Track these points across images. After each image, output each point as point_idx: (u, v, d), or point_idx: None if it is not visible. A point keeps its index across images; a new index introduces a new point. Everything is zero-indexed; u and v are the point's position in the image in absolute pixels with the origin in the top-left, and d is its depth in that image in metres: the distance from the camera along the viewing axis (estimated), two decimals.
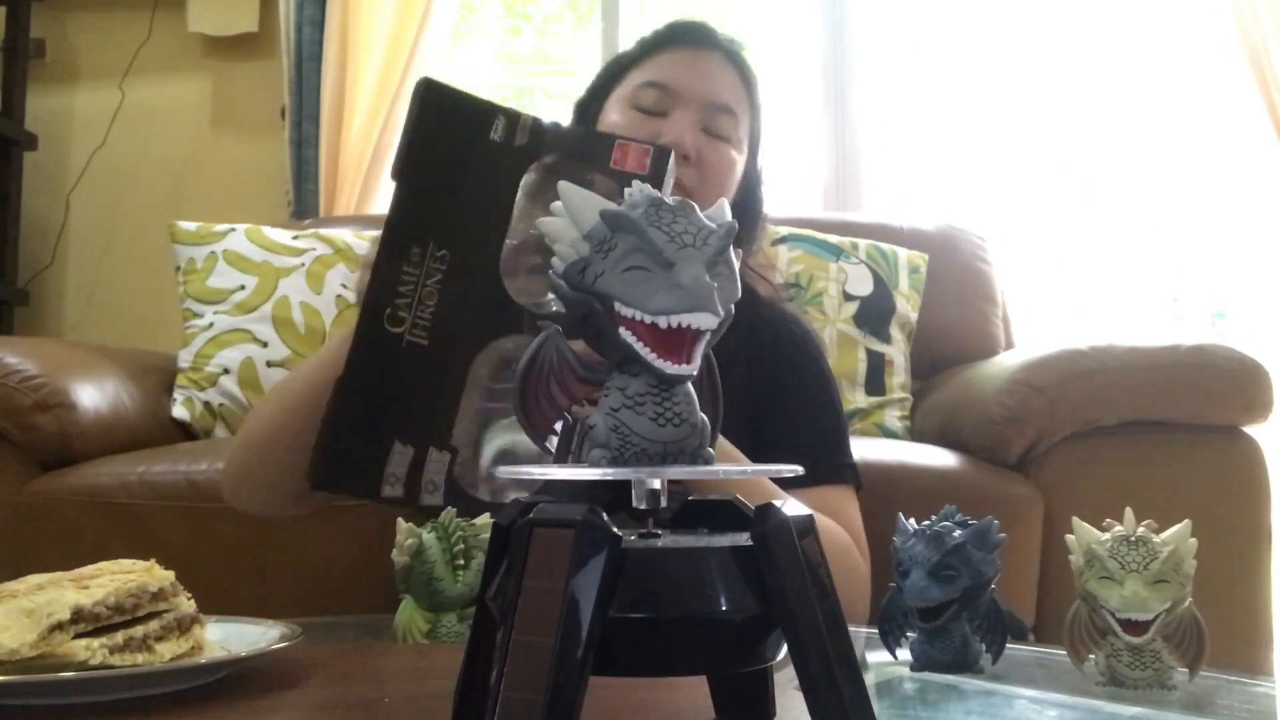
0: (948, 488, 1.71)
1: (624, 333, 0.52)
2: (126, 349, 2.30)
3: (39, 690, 0.60)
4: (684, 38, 1.46)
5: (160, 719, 0.60)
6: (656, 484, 0.57)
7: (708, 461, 0.54)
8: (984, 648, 0.70)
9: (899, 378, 2.17)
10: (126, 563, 0.66)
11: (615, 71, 1.48)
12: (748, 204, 1.46)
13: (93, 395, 1.90)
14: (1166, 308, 2.75)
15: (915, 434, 2.10)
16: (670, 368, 0.52)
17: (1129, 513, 0.70)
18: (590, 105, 1.48)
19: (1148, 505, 1.69)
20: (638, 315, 0.52)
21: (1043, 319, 2.75)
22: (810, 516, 0.56)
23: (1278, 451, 1.82)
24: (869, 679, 0.71)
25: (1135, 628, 0.66)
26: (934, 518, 0.68)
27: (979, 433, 1.80)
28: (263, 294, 2.22)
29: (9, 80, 3.10)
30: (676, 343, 0.52)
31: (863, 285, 2.22)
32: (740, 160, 1.43)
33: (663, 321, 0.51)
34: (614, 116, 1.42)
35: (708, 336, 0.53)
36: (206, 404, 2.14)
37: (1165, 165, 2.81)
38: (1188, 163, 2.77)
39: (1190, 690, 0.66)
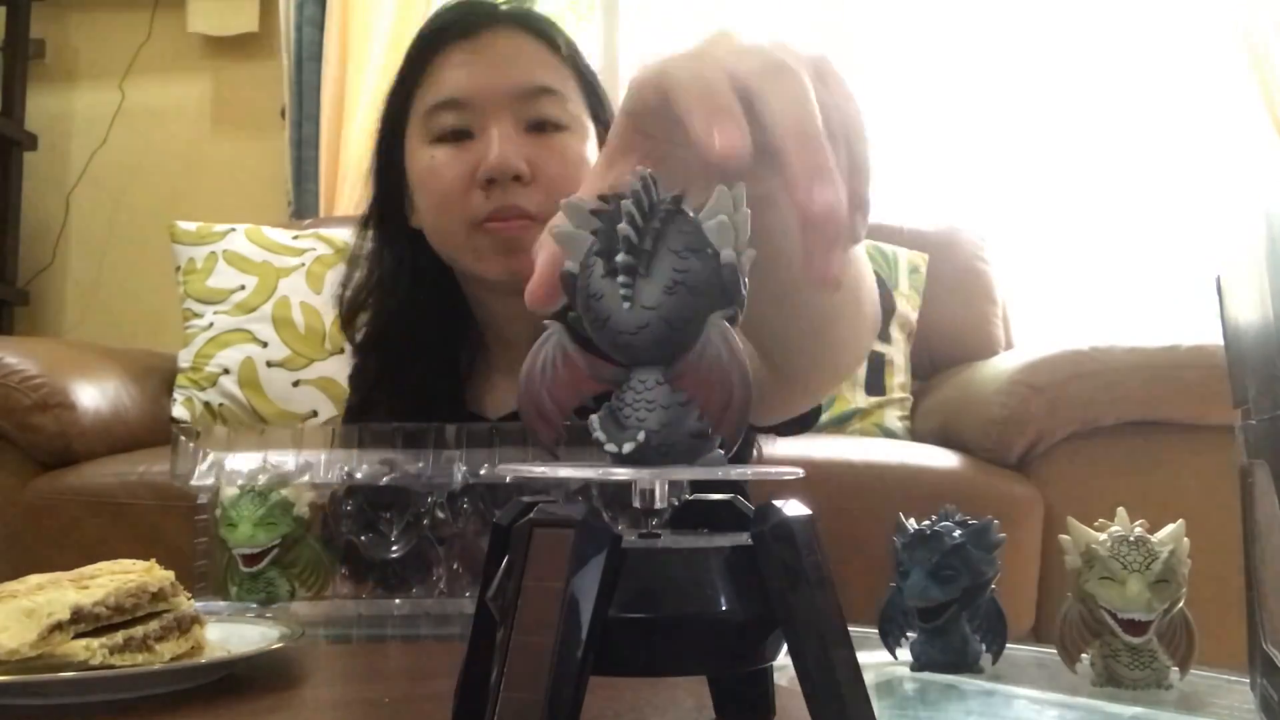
0: (948, 488, 1.71)
1: None
2: (126, 349, 2.30)
3: (39, 690, 0.60)
4: (458, 29, 1.18)
5: (160, 719, 0.60)
6: (657, 484, 0.57)
7: (710, 462, 0.54)
8: (984, 648, 0.70)
9: (899, 378, 2.18)
10: (126, 563, 0.66)
11: (401, 99, 1.22)
12: None
13: (93, 395, 1.90)
14: (1167, 308, 2.75)
15: (915, 434, 2.11)
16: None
17: (1122, 512, 0.70)
18: (390, 154, 1.24)
19: (1147, 505, 1.70)
20: None
21: (1043, 319, 2.75)
22: (811, 516, 0.55)
23: None
24: (869, 679, 0.71)
25: (1137, 628, 0.66)
26: (934, 518, 0.68)
27: (979, 433, 1.80)
28: (263, 294, 2.22)
29: (9, 80, 3.11)
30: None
31: None
32: (586, 143, 1.18)
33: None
34: (422, 159, 1.18)
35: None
36: (206, 404, 2.14)
37: (1165, 165, 2.81)
38: (1187, 162, 2.77)
39: (1187, 690, 0.66)
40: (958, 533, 0.67)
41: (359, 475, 0.97)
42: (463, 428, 0.98)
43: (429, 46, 1.19)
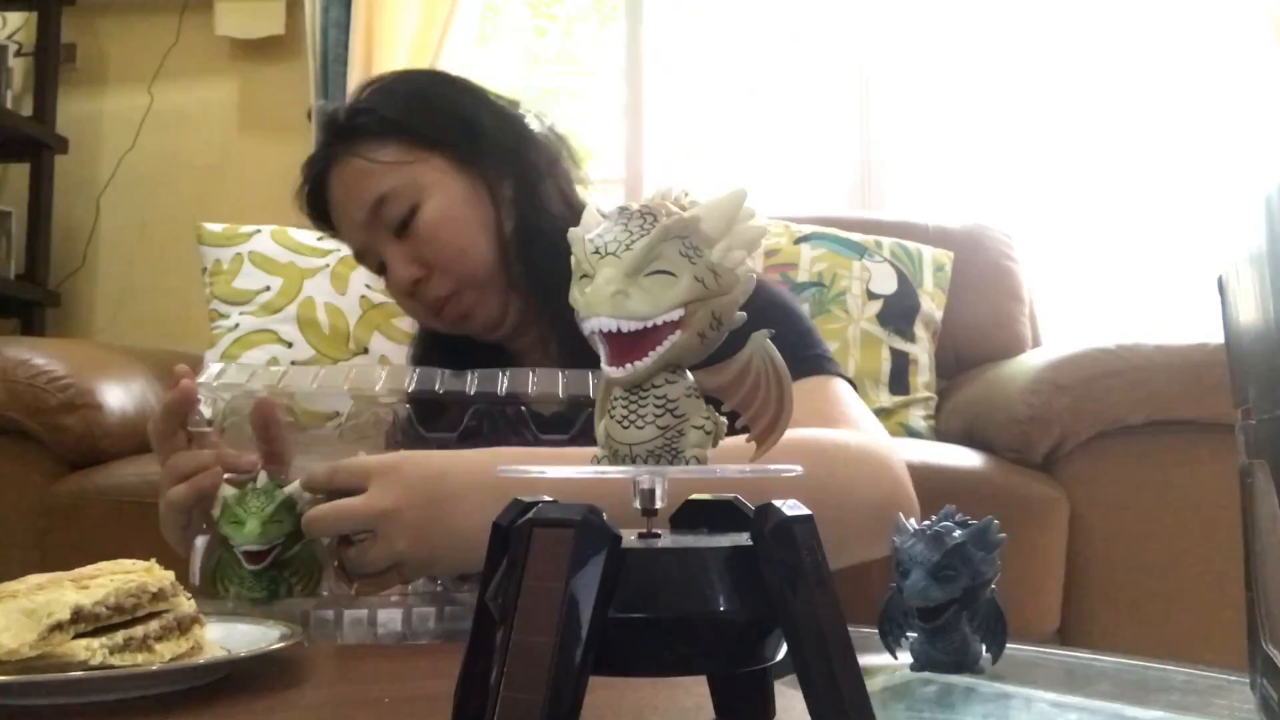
0: (972, 488, 1.70)
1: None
2: (153, 349, 2.31)
3: (39, 690, 0.61)
4: (316, 191, 1.36)
5: (160, 719, 0.60)
6: (656, 484, 0.57)
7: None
8: (984, 648, 0.69)
9: (923, 377, 2.16)
10: (126, 563, 0.67)
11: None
12: (521, 173, 1.32)
13: (119, 395, 1.92)
14: (1196, 305, 2.72)
15: (940, 434, 2.09)
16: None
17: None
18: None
19: (1173, 505, 1.69)
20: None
21: (1071, 317, 2.72)
22: (810, 516, 0.55)
23: None
24: (881, 682, 0.70)
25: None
26: (934, 518, 0.68)
27: (1004, 432, 1.78)
28: (288, 295, 2.23)
29: (41, 84, 3.14)
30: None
31: (887, 284, 2.21)
32: (444, 194, 1.29)
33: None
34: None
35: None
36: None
37: (1194, 161, 2.78)
38: (1216, 158, 2.74)
39: (1191, 690, 0.65)
40: (958, 533, 0.67)
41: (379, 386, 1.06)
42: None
43: (316, 198, 1.37)
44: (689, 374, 0.56)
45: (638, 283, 0.53)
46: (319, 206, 1.38)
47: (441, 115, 1.34)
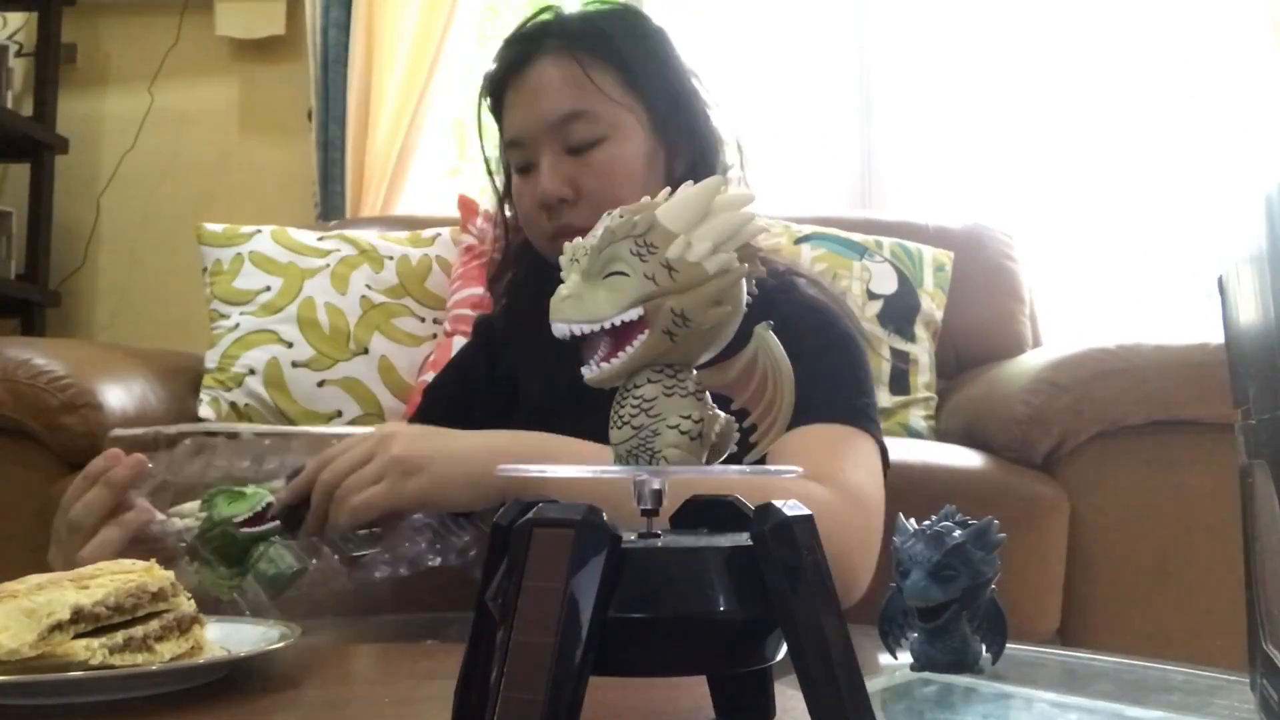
0: (972, 488, 1.70)
1: None
2: (153, 349, 2.32)
3: (39, 690, 0.61)
4: (508, 71, 1.33)
5: (160, 719, 0.60)
6: (657, 484, 0.57)
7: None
8: (984, 648, 0.69)
9: (924, 377, 2.16)
10: (126, 563, 0.67)
11: (499, 129, 1.38)
12: (699, 156, 1.33)
13: (119, 396, 1.92)
14: (1197, 305, 2.72)
15: (940, 434, 2.09)
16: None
17: None
18: (503, 169, 1.40)
19: (1174, 505, 1.69)
20: None
21: (1072, 317, 2.72)
22: (810, 516, 0.55)
23: None
24: (881, 682, 0.70)
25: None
26: (934, 518, 0.68)
27: (1004, 432, 1.78)
28: (288, 295, 2.23)
29: (41, 85, 3.14)
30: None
31: (887, 284, 2.21)
32: (626, 144, 1.29)
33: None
34: (514, 184, 1.35)
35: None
36: (232, 404, 2.15)
37: (1194, 161, 2.78)
38: (1216, 158, 2.74)
39: (1191, 690, 0.65)
40: (958, 533, 0.67)
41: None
42: None
43: (497, 82, 1.34)
44: (693, 373, 0.56)
45: (594, 285, 0.54)
46: (500, 79, 1.34)
47: (661, 73, 1.34)
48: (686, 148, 1.34)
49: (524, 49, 1.32)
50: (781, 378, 0.56)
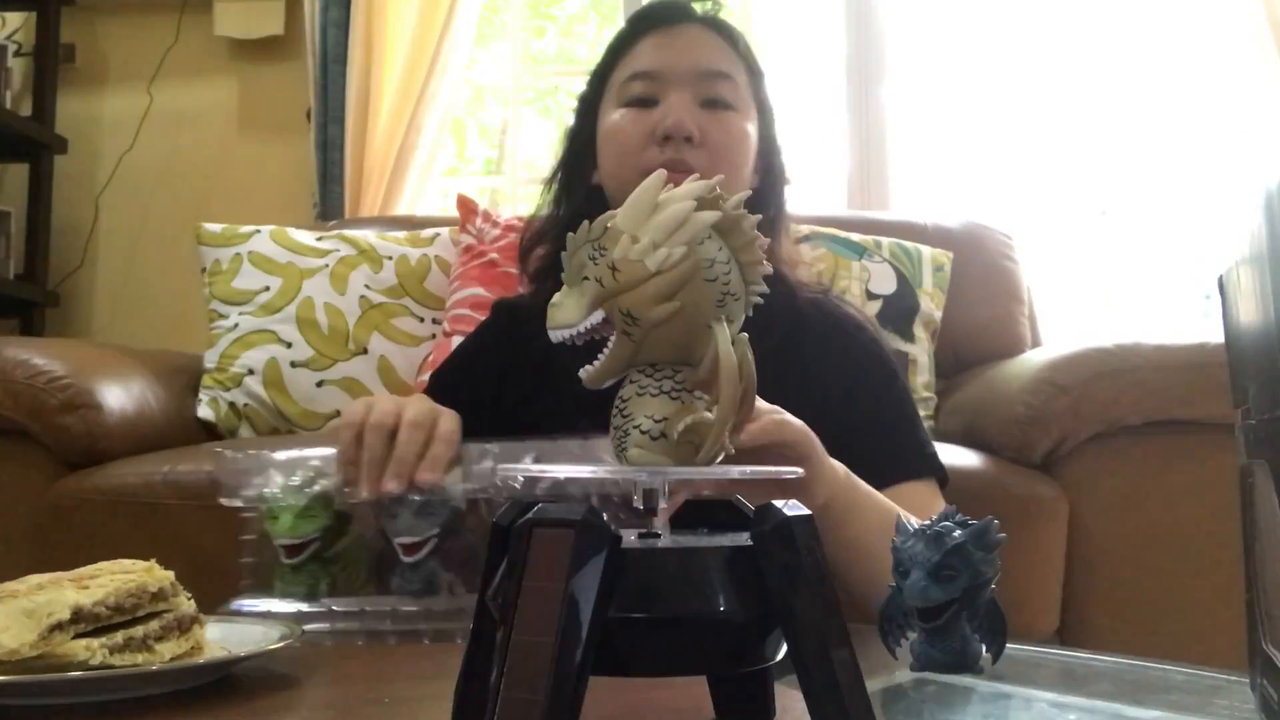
0: (972, 488, 1.70)
1: None
2: (152, 350, 2.31)
3: (39, 690, 0.61)
4: (658, 20, 1.41)
5: (160, 719, 0.60)
6: (652, 484, 0.57)
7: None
8: (984, 648, 0.69)
9: (923, 377, 2.16)
10: (126, 563, 0.67)
11: (598, 80, 1.45)
12: (767, 176, 1.42)
13: (119, 396, 1.91)
14: (1197, 305, 2.72)
15: (939, 434, 2.09)
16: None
17: None
18: (584, 122, 1.45)
19: (1173, 505, 1.69)
20: None
21: (1071, 317, 2.72)
22: (810, 517, 0.55)
23: None
24: (881, 682, 0.70)
25: None
26: (934, 518, 0.68)
27: (1003, 432, 1.78)
28: (287, 295, 2.23)
29: (40, 84, 3.14)
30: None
31: (886, 284, 2.21)
32: (751, 127, 1.38)
33: None
34: (613, 116, 1.38)
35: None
36: (231, 404, 2.15)
37: (1194, 161, 2.78)
38: (1216, 158, 2.74)
39: (1191, 690, 0.65)
40: (958, 533, 0.67)
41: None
42: None
43: (629, 33, 1.41)
44: (673, 372, 0.56)
45: (570, 293, 0.54)
46: (633, 28, 1.42)
47: (769, 100, 1.44)
48: (765, 169, 1.41)
49: (677, 13, 1.40)
50: (746, 378, 0.55)
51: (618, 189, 1.36)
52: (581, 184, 1.45)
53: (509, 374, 1.43)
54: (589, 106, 1.45)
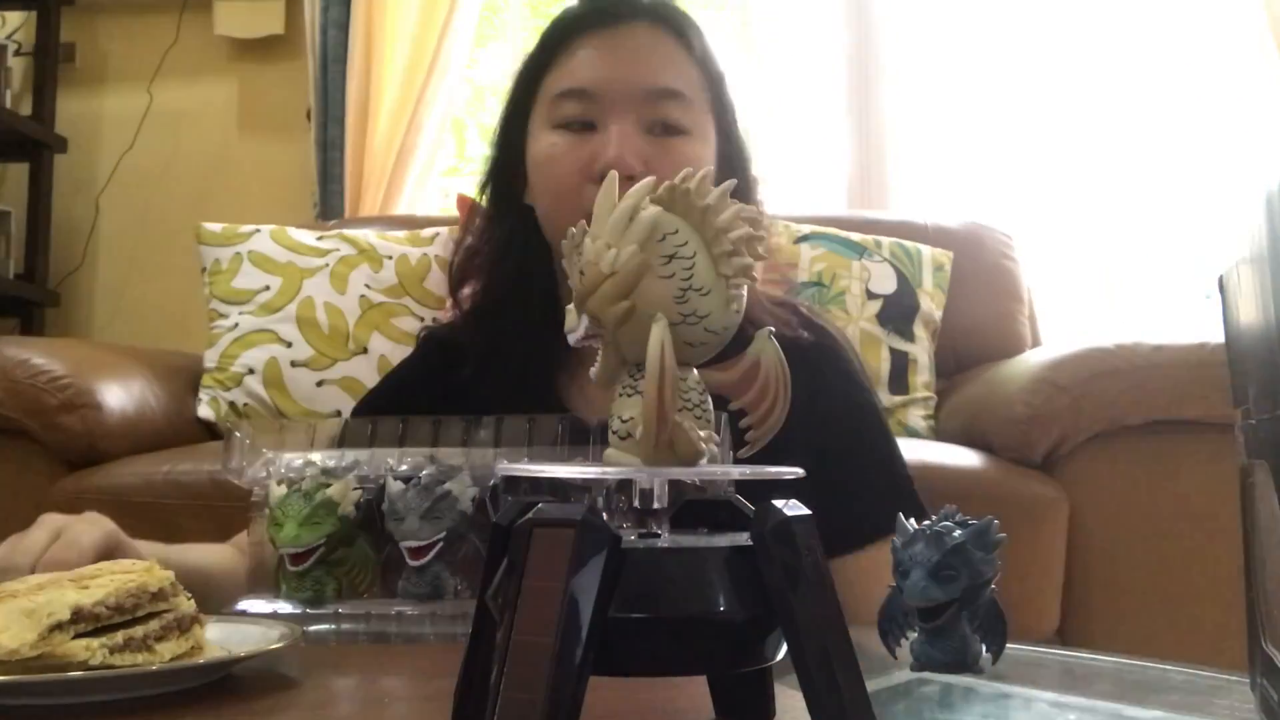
0: (972, 488, 1.70)
1: None
2: (152, 349, 2.32)
3: (39, 690, 0.61)
4: (596, 18, 1.19)
5: (160, 719, 0.60)
6: (648, 485, 0.57)
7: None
8: (984, 648, 0.69)
9: (923, 377, 2.16)
10: (126, 563, 0.67)
11: (529, 81, 1.22)
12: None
13: (118, 395, 1.92)
14: (1197, 305, 2.72)
15: (939, 434, 2.09)
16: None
17: None
18: (512, 130, 1.24)
19: (1173, 505, 1.69)
20: None
21: (1071, 317, 2.72)
22: (810, 516, 0.55)
23: None
24: (881, 682, 0.70)
25: None
26: (934, 518, 0.68)
27: (1003, 432, 1.78)
28: (287, 294, 2.23)
29: (40, 84, 3.15)
30: None
31: (886, 283, 2.21)
32: (706, 148, 1.19)
33: None
34: (544, 139, 1.18)
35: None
36: (231, 404, 2.15)
37: (1194, 160, 2.78)
38: (1216, 157, 2.74)
39: (1191, 690, 0.65)
40: (958, 533, 0.67)
41: (404, 467, 1.00)
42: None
43: (565, 31, 1.20)
44: (694, 372, 0.56)
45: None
46: (566, 26, 1.21)
47: (729, 98, 1.25)
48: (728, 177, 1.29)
49: (620, 7, 1.20)
50: (782, 387, 0.56)
51: (552, 227, 1.19)
52: (511, 205, 1.26)
53: (438, 410, 1.37)
54: (519, 110, 1.24)
